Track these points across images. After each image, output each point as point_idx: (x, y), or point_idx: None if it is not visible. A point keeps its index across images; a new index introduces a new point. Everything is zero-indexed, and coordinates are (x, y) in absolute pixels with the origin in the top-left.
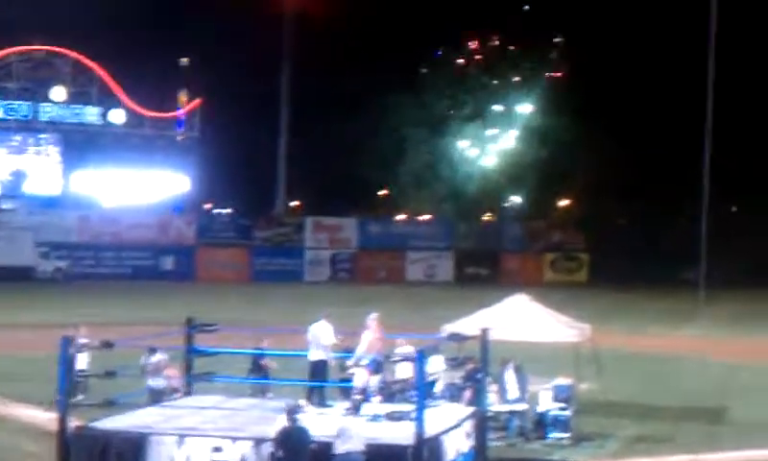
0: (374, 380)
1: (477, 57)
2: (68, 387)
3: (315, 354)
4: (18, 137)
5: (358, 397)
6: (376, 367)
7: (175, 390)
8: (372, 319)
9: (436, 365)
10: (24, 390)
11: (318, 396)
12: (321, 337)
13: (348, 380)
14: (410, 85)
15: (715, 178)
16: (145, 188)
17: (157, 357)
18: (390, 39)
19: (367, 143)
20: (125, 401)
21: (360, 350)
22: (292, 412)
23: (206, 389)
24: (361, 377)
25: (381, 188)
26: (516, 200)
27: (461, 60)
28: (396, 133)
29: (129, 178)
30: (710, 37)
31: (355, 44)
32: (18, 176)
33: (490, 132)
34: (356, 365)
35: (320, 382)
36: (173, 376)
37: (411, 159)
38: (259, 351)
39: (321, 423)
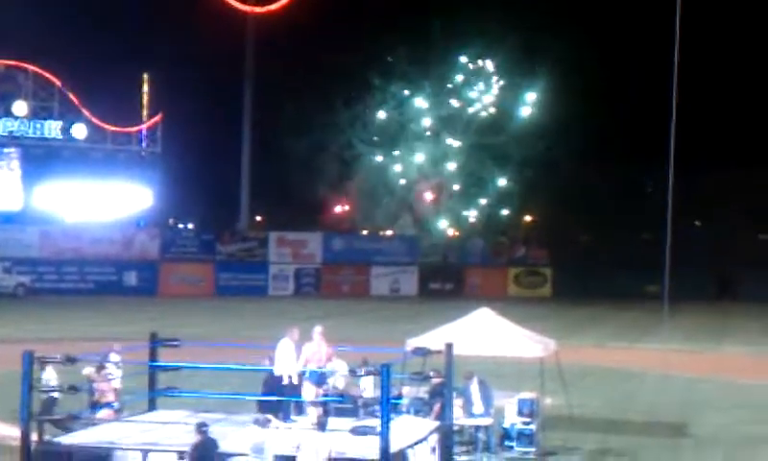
0: (312, 392)
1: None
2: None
3: (278, 370)
4: None
5: (312, 409)
6: (318, 379)
7: (107, 403)
8: (316, 332)
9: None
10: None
11: (283, 411)
12: (282, 354)
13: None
14: (362, 100)
15: (679, 193)
16: (107, 203)
17: (87, 370)
18: (348, 54)
19: (322, 159)
20: (88, 416)
21: (300, 363)
22: (201, 425)
23: (170, 404)
24: (310, 391)
25: (340, 204)
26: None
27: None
28: (348, 149)
29: (91, 192)
30: (674, 64)
31: (318, 57)
32: None
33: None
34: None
35: (283, 397)
36: (105, 389)
37: (363, 176)
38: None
39: (285, 437)
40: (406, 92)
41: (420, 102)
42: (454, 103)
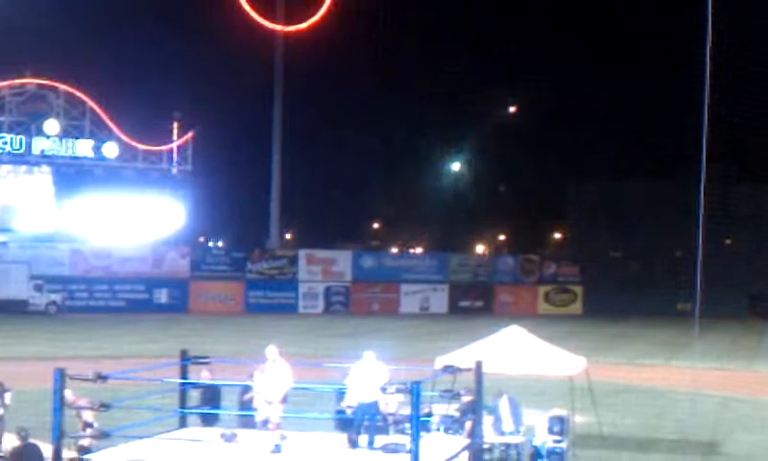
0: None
1: None
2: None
3: (351, 393)
4: (11, 170)
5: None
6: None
7: (87, 425)
8: (271, 350)
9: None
10: (16, 422)
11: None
12: (355, 376)
13: (343, 412)
14: (396, 121)
15: (710, 211)
16: (138, 221)
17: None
18: (383, 70)
19: (356, 177)
20: (119, 434)
21: (274, 383)
22: (22, 431)
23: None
24: (277, 411)
25: (373, 221)
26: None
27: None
28: (381, 167)
29: (122, 211)
30: (705, 72)
31: (347, 76)
32: (11, 209)
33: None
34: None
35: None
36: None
37: (397, 193)
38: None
39: (316, 456)
40: None
41: None
42: None
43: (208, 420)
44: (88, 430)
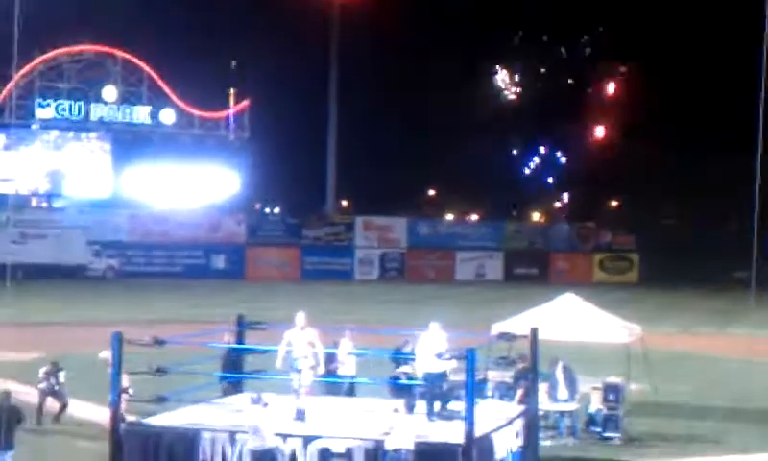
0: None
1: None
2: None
3: (419, 365)
4: (68, 137)
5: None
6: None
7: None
8: (300, 317)
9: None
10: (76, 387)
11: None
12: (422, 347)
13: (398, 378)
14: (455, 86)
15: (766, 176)
16: (195, 188)
17: (104, 354)
18: (438, 38)
19: (412, 144)
20: (176, 398)
21: (282, 348)
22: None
23: (257, 387)
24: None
25: (428, 188)
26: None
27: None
28: (441, 133)
29: (179, 177)
30: (765, 38)
31: (403, 43)
32: (69, 175)
33: None
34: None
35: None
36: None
37: (455, 160)
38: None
39: (372, 421)
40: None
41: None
42: None
43: (237, 385)
44: (125, 396)
